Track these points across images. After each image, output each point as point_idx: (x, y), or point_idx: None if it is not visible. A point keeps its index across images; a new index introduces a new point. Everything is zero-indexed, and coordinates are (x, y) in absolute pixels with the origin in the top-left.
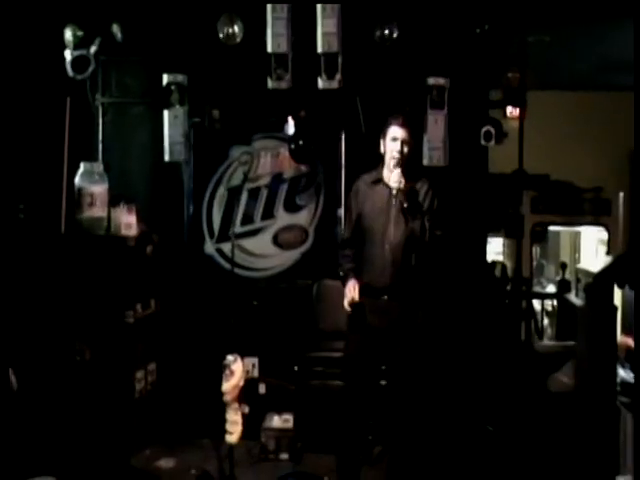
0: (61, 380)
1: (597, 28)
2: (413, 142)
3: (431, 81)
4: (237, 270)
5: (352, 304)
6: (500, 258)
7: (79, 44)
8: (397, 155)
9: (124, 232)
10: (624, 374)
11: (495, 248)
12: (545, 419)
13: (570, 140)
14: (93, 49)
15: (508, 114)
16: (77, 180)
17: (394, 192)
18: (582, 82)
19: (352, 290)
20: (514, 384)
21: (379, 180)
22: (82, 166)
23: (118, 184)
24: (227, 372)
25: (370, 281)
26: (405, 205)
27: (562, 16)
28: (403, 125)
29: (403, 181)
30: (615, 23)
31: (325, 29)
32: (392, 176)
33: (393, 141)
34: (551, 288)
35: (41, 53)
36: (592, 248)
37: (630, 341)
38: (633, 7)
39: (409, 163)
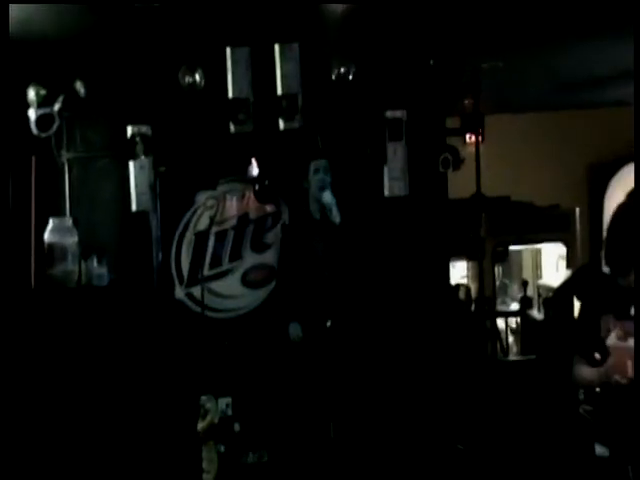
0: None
1: (548, 51)
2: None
3: (389, 114)
4: (208, 312)
5: None
6: (465, 281)
7: (43, 102)
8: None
9: (96, 283)
10: None
11: (460, 272)
12: (512, 432)
13: (528, 160)
14: (57, 107)
15: (467, 140)
16: (47, 235)
17: None
18: (537, 103)
19: None
20: (484, 402)
21: None
22: (51, 222)
23: (87, 236)
24: (202, 411)
25: None
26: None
27: (513, 42)
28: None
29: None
30: (565, 46)
31: (284, 71)
32: (324, 195)
33: (316, 172)
34: (515, 306)
35: (4, 114)
36: (553, 264)
37: None
38: (584, 29)
39: None
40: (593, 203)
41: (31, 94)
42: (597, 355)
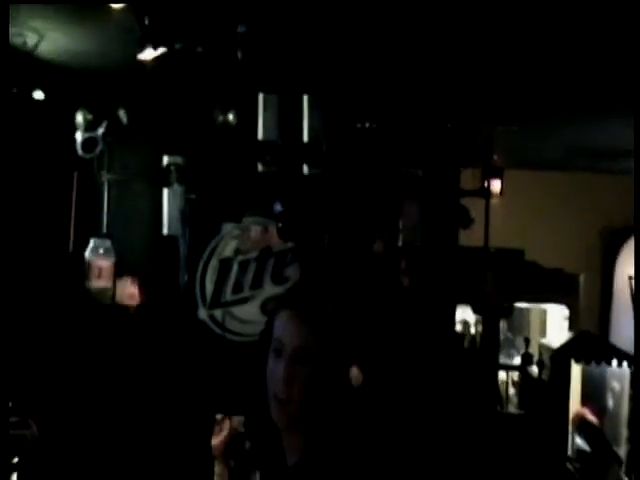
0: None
1: (564, 121)
2: None
3: (405, 171)
4: (227, 335)
5: None
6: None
7: (88, 126)
8: None
9: (128, 302)
10: (580, 442)
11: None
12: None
13: (543, 217)
14: (101, 131)
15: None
16: (87, 254)
17: None
18: (554, 164)
19: None
20: (481, 451)
21: None
22: (92, 241)
23: (120, 254)
24: (217, 428)
25: None
26: None
27: (528, 111)
28: None
29: None
30: (582, 118)
31: (310, 121)
32: None
33: None
34: (519, 360)
35: (56, 134)
36: (558, 324)
37: (586, 412)
38: (603, 105)
39: None
40: (605, 267)
41: (79, 118)
42: None
